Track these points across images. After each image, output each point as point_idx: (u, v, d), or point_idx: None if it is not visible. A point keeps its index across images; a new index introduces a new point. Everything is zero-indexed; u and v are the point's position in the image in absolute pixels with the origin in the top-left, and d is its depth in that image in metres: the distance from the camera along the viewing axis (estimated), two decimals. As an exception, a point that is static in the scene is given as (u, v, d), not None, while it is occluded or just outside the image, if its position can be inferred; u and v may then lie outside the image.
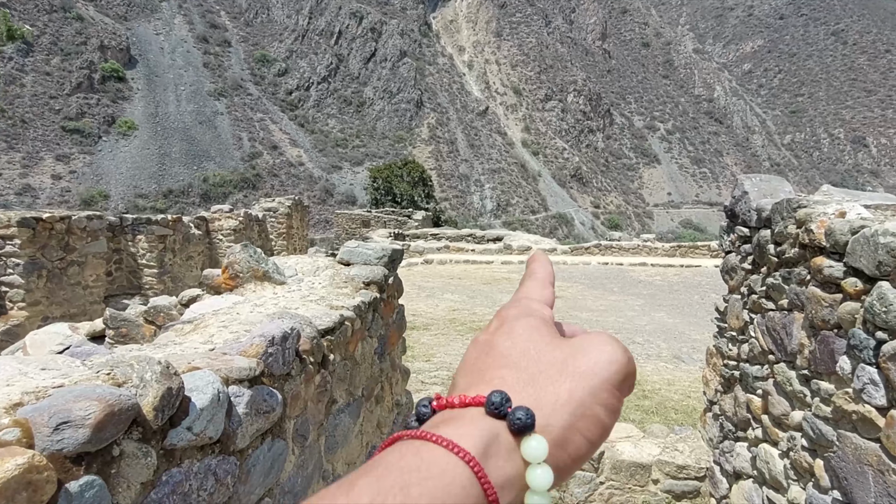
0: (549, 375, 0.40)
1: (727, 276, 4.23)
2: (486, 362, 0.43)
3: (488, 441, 0.35)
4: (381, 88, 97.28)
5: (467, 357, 0.45)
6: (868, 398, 2.48)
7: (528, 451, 0.36)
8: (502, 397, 0.37)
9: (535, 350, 0.42)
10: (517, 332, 0.44)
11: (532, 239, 20.21)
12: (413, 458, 0.34)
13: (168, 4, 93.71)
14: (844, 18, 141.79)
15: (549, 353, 0.41)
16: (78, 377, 1.48)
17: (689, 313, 10.80)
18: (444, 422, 0.37)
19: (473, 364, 0.44)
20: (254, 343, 2.12)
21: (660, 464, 4.56)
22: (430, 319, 9.88)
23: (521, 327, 0.44)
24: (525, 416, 0.36)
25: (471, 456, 0.34)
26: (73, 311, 8.86)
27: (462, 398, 0.38)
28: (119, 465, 1.34)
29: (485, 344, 0.45)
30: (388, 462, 0.34)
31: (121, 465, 1.34)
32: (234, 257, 3.52)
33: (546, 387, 0.39)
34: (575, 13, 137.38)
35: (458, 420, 0.37)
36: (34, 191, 56.44)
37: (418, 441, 0.35)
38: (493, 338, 0.45)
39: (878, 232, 2.41)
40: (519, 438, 0.36)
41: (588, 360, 0.40)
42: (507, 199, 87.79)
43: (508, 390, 0.38)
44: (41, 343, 3.49)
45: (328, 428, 2.84)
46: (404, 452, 0.34)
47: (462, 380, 0.43)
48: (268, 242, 16.06)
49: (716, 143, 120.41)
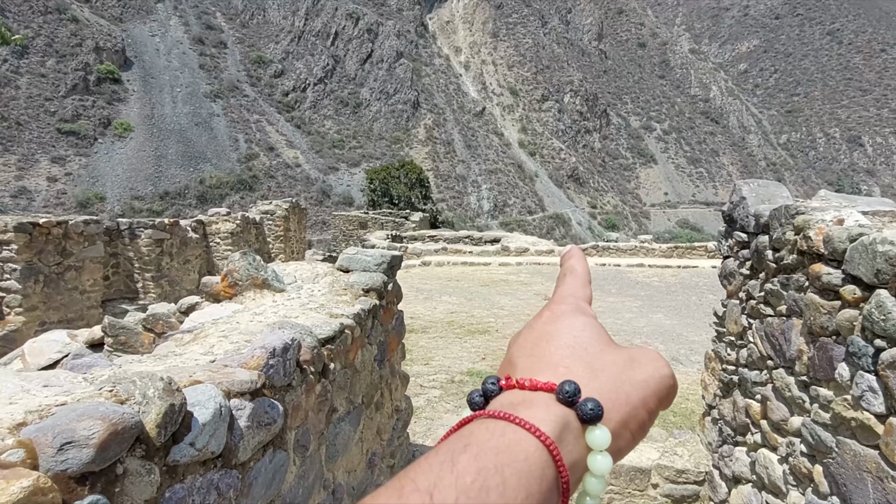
0: (610, 375, 0.44)
1: (725, 280, 4.25)
2: (547, 349, 0.46)
3: (562, 427, 0.39)
4: (378, 89, 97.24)
5: (524, 340, 0.49)
6: (867, 405, 2.49)
7: (594, 439, 0.40)
8: (574, 388, 0.40)
9: (594, 348, 0.46)
10: (577, 327, 0.48)
11: (530, 240, 20.22)
12: (501, 438, 0.37)
13: (164, 6, 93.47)
14: (840, 18, 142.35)
15: (608, 354, 0.46)
16: (80, 394, 1.48)
17: (687, 315, 10.82)
18: (521, 404, 0.40)
19: (533, 348, 0.47)
20: (255, 355, 2.12)
21: (659, 468, 4.57)
22: (428, 322, 9.87)
23: (580, 324, 0.48)
24: (596, 407, 0.40)
25: (551, 440, 0.37)
26: (70, 316, 8.83)
27: (533, 382, 0.42)
28: (123, 484, 1.34)
29: (543, 332, 0.48)
30: (480, 441, 0.37)
31: (124, 483, 1.34)
32: (233, 265, 3.52)
33: (606, 383, 0.43)
34: (571, 14, 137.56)
35: (533, 404, 0.40)
36: (30, 193, 56.22)
37: (502, 422, 0.38)
38: (554, 328, 0.48)
39: (877, 240, 2.42)
40: (585, 427, 0.40)
41: (644, 372, 0.45)
42: (505, 200, 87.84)
43: (576, 381, 0.41)
44: (40, 351, 3.48)
45: (329, 437, 2.84)
46: (493, 431, 0.37)
47: (522, 361, 0.46)
48: (265, 245, 16.03)
49: (712, 143, 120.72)
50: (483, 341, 8.67)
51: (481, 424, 0.39)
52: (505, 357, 0.50)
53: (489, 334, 9.08)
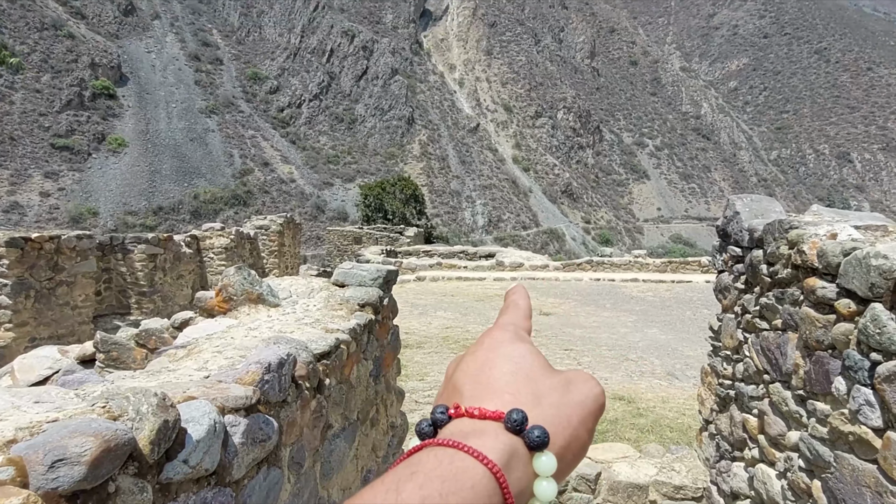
0: (552, 401, 0.45)
1: (721, 295, 4.26)
2: (491, 376, 0.47)
3: (510, 454, 0.40)
4: (373, 105, 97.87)
5: (467, 366, 0.50)
6: (864, 419, 2.49)
7: (541, 466, 0.41)
8: (522, 416, 0.41)
9: (535, 374, 0.47)
10: (518, 353, 0.49)
11: (524, 255, 20.25)
12: (449, 466, 0.37)
13: (160, 23, 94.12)
14: (827, 37, 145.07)
15: (548, 379, 0.47)
16: (72, 410, 1.45)
17: (682, 329, 10.83)
18: (471, 433, 0.41)
19: (478, 375, 0.48)
20: (250, 370, 2.09)
21: (657, 484, 4.54)
22: (423, 337, 9.83)
23: (521, 350, 0.49)
24: (542, 434, 0.41)
25: (499, 468, 0.38)
26: (61, 332, 8.73)
27: (482, 411, 0.42)
28: (115, 502, 1.31)
29: (486, 359, 0.49)
30: (427, 469, 0.37)
31: (116, 502, 1.32)
32: (227, 280, 3.50)
33: (548, 409, 0.44)
34: (564, 32, 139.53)
35: (483, 433, 0.41)
36: (22, 208, 55.91)
37: (451, 449, 0.39)
38: (496, 354, 0.49)
39: (870, 254, 2.44)
40: (532, 453, 0.41)
41: (580, 393, 0.47)
42: (499, 215, 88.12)
43: (522, 407, 0.43)
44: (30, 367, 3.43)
45: (324, 454, 2.80)
46: (441, 459, 0.38)
47: (468, 388, 0.47)
48: (259, 260, 15.97)
49: (704, 159, 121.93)
50: (478, 356, 8.61)
51: (430, 453, 0.39)
52: (446, 382, 0.51)
53: (484, 349, 9.03)
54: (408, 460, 0.39)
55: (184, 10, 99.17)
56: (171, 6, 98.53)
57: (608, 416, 6.26)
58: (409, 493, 0.35)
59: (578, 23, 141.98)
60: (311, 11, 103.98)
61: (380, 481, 0.37)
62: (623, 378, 7.77)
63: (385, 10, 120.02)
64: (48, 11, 77.23)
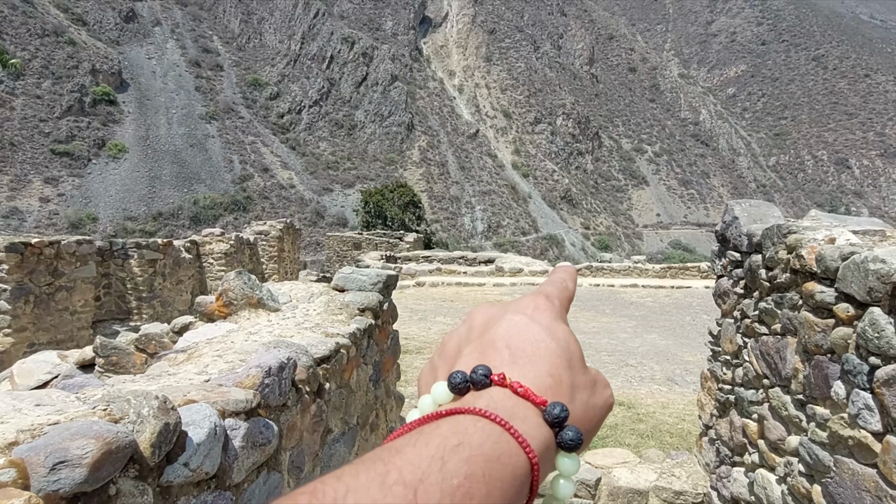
0: (583, 398, 0.45)
1: (720, 300, 4.26)
2: (536, 349, 0.44)
3: (545, 449, 0.39)
4: (373, 112, 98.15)
5: (509, 325, 0.47)
6: (863, 423, 2.49)
7: (565, 466, 0.41)
8: (563, 413, 0.40)
9: (575, 364, 0.46)
10: (562, 336, 0.47)
11: (524, 261, 20.26)
12: (494, 446, 0.37)
13: (161, 29, 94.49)
14: (824, 44, 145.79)
15: (582, 375, 0.46)
16: (73, 413, 1.45)
17: (682, 335, 10.82)
18: (513, 413, 0.39)
19: (520, 341, 0.45)
20: (250, 374, 2.10)
21: (657, 490, 4.53)
22: (423, 343, 9.82)
23: (565, 333, 0.47)
24: (576, 437, 0.41)
25: (538, 463, 0.38)
26: (60, 338, 8.72)
27: (526, 391, 0.41)
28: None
29: (529, 327, 0.46)
30: (473, 444, 0.36)
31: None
32: (228, 284, 3.50)
33: (579, 407, 0.44)
34: (563, 39, 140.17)
35: (527, 418, 0.40)
36: (21, 214, 55.96)
37: (498, 428, 0.38)
38: (538, 327, 0.46)
39: (868, 258, 2.45)
40: (558, 450, 0.41)
41: (601, 397, 0.47)
42: (498, 221, 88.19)
43: (560, 399, 0.42)
44: (29, 372, 3.43)
45: (323, 458, 2.80)
46: (488, 435, 0.37)
47: (507, 353, 0.44)
48: (259, 266, 15.97)
49: (702, 165, 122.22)
50: (478, 362, 8.60)
51: (476, 423, 0.38)
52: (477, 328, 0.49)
53: (484, 355, 9.02)
54: (452, 424, 0.38)
55: (184, 17, 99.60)
56: (172, 13, 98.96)
57: (608, 421, 6.25)
58: (455, 466, 0.34)
59: (577, 30, 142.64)
60: (311, 18, 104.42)
61: (423, 441, 0.36)
62: (623, 383, 7.76)
63: (385, 17, 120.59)
64: (49, 18, 77.56)
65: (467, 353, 0.46)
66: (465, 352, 0.47)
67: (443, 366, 0.48)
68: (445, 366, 0.48)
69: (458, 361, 0.46)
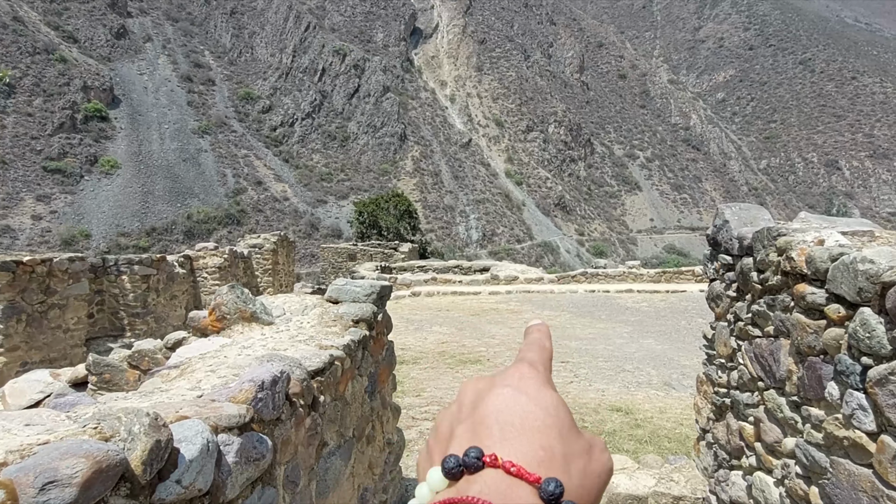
0: (578, 468, 0.44)
1: (713, 303, 4.28)
2: (524, 422, 0.44)
3: None
4: (365, 123, 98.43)
5: (497, 401, 0.46)
6: (858, 424, 2.50)
7: None
8: (558, 490, 0.40)
9: (566, 433, 0.45)
10: (551, 404, 0.46)
11: (519, 269, 20.27)
12: None
13: (152, 45, 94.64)
14: (811, 48, 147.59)
15: (576, 442, 0.45)
16: (63, 432, 1.44)
17: (678, 339, 10.84)
18: (507, 495, 0.39)
19: (509, 416, 0.45)
20: (243, 388, 2.09)
21: (656, 495, 4.51)
22: (419, 353, 9.79)
23: (554, 401, 0.47)
24: None
25: None
26: (53, 356, 8.64)
27: (520, 470, 0.40)
28: (106, 525, 1.30)
29: (516, 400, 0.46)
30: None
31: (108, 523, 1.30)
32: (220, 298, 3.49)
33: (575, 477, 0.43)
34: (553, 47, 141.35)
35: (518, 498, 0.39)
36: (13, 232, 55.59)
37: None
38: (525, 398, 0.46)
39: (857, 259, 2.47)
40: None
41: (599, 464, 0.46)
42: (493, 229, 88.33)
43: (554, 472, 0.41)
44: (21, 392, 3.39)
45: (319, 472, 2.78)
46: None
47: (497, 430, 0.44)
48: (253, 279, 15.91)
49: (694, 170, 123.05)
50: (475, 371, 8.59)
51: None
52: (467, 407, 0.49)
53: (481, 364, 9.01)
54: None
55: (176, 33, 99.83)
56: (164, 28, 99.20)
57: (606, 427, 6.24)
58: None
59: (567, 38, 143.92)
60: (302, 31, 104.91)
61: None
62: (620, 389, 7.75)
63: (376, 29, 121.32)
64: (40, 36, 77.56)
65: (459, 433, 0.47)
66: (457, 432, 0.47)
67: (437, 448, 0.48)
68: (440, 448, 0.48)
69: (451, 444, 0.46)
